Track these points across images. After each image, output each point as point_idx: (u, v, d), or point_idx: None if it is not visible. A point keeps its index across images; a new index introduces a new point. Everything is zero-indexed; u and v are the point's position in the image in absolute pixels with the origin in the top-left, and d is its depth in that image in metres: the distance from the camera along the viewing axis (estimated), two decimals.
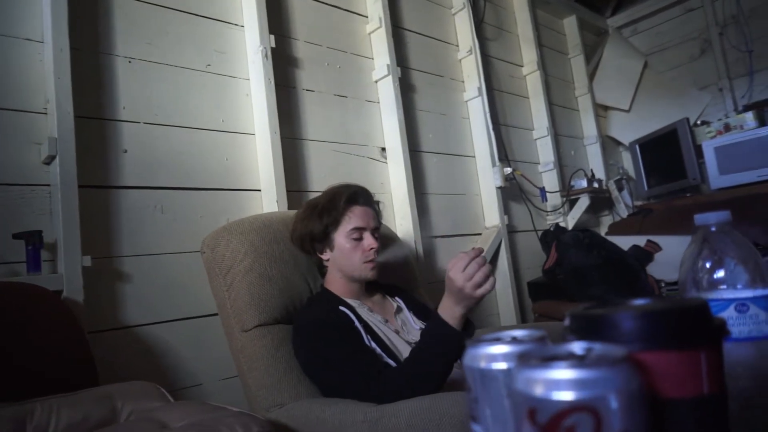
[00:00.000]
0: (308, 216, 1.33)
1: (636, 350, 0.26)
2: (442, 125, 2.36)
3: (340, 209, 1.31)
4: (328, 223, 1.30)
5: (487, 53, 2.67)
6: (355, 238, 1.30)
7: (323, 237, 1.31)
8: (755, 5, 3.09)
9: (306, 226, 1.32)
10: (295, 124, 1.81)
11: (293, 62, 1.85)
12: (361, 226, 1.31)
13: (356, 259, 1.30)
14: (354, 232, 1.30)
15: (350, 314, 1.22)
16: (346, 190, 1.34)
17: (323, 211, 1.31)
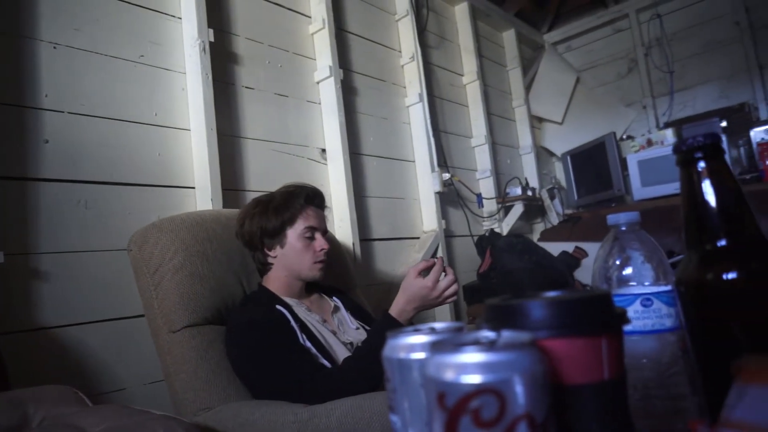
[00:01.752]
0: (262, 212, 1.31)
1: (543, 337, 0.28)
2: (383, 129, 2.38)
3: (297, 207, 1.31)
4: (284, 220, 1.30)
5: (429, 61, 2.72)
6: (307, 237, 1.31)
7: (276, 233, 1.30)
8: (677, 30, 3.32)
9: (258, 221, 1.30)
10: (233, 121, 1.77)
11: (233, 58, 1.81)
12: (315, 227, 1.32)
13: (307, 258, 1.30)
14: (307, 231, 1.31)
15: (286, 313, 1.21)
16: (303, 190, 1.34)
17: (279, 207, 1.30)
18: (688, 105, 3.29)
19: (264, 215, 1.30)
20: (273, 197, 1.34)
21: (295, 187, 1.35)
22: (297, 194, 1.32)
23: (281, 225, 1.30)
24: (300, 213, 1.31)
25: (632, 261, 0.43)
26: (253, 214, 1.32)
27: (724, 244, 0.31)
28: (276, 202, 1.31)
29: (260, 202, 1.33)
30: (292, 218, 1.30)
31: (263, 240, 1.31)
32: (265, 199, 1.34)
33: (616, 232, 0.45)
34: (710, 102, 3.21)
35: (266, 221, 1.30)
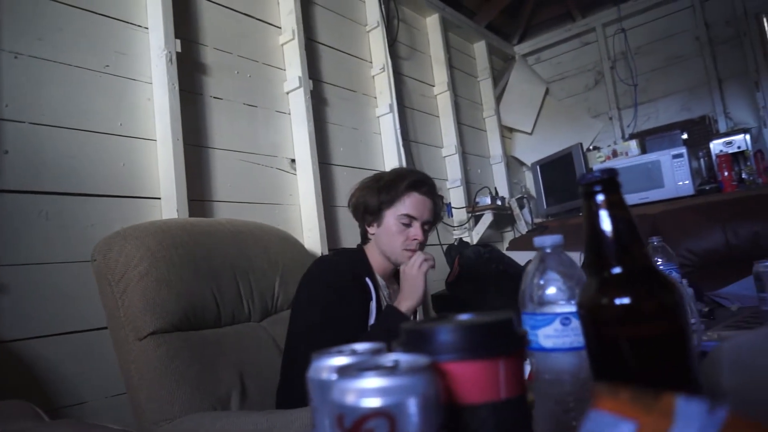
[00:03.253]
0: (369, 187, 1.36)
1: (443, 361, 0.30)
2: (353, 139, 2.40)
3: (400, 191, 1.33)
4: (384, 200, 1.33)
5: (399, 71, 2.76)
6: (404, 223, 1.34)
7: (375, 211, 1.34)
8: (641, 44, 3.42)
9: (363, 196, 1.36)
10: (201, 132, 1.78)
11: (201, 68, 1.82)
12: (413, 215, 1.34)
13: (397, 243, 1.34)
14: (404, 218, 1.34)
15: (372, 290, 1.27)
16: (412, 175, 1.38)
17: (384, 187, 1.34)
18: (652, 117, 3.39)
19: (369, 191, 1.35)
20: (383, 176, 1.39)
21: (405, 170, 1.41)
22: (403, 177, 1.35)
23: (380, 205, 1.34)
24: (401, 197, 1.34)
25: (555, 282, 0.46)
26: (363, 187, 1.38)
27: (618, 271, 0.34)
28: (382, 182, 1.36)
29: (370, 179, 1.39)
30: (392, 201, 1.34)
31: (364, 215, 1.36)
32: (377, 176, 1.39)
33: (542, 253, 0.48)
34: (673, 114, 3.31)
35: (369, 198, 1.35)
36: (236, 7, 1.99)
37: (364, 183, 1.41)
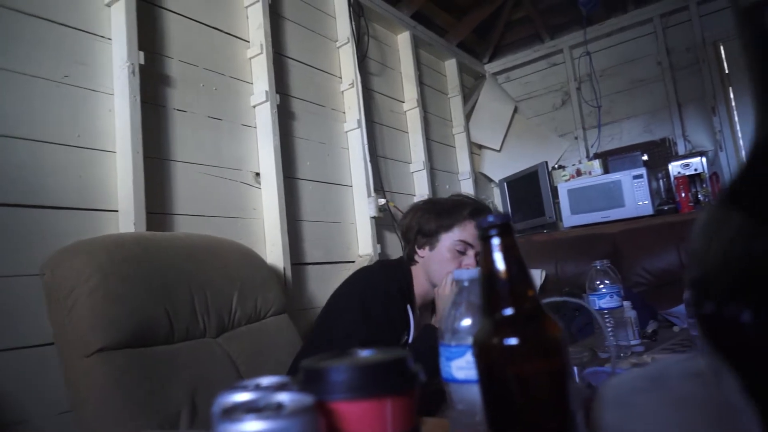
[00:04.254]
0: (426, 210, 1.35)
1: (332, 400, 0.31)
2: (320, 154, 2.42)
3: (460, 218, 1.33)
4: (442, 224, 1.32)
5: (369, 87, 2.78)
6: (459, 250, 1.32)
7: (431, 234, 1.33)
8: (605, 67, 3.53)
9: (420, 218, 1.35)
10: (163, 144, 1.76)
11: (165, 80, 1.81)
12: (470, 243, 1.33)
13: (448, 269, 1.31)
14: (460, 244, 1.32)
15: (412, 320, 1.27)
16: (475, 204, 1.38)
17: (443, 212, 1.33)
18: (615, 137, 3.49)
19: (427, 214, 1.34)
20: (442, 202, 1.39)
21: (468, 198, 1.40)
22: (464, 205, 1.35)
23: (437, 228, 1.33)
24: (460, 223, 1.33)
25: (470, 315, 0.48)
26: (418, 210, 1.37)
27: (509, 313, 0.36)
28: (441, 206, 1.35)
29: (429, 202, 1.40)
30: (450, 226, 1.32)
31: (417, 237, 1.35)
32: (435, 200, 1.40)
33: (460, 286, 0.50)
34: (636, 136, 3.42)
35: (426, 220, 1.33)
36: (204, 21, 1.99)
37: (420, 206, 1.40)
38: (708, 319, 0.20)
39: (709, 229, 0.22)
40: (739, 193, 0.21)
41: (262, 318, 1.66)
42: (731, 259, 0.20)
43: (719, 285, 0.20)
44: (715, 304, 0.20)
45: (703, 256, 0.21)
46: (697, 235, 0.22)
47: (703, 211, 0.22)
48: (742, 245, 0.19)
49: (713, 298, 0.20)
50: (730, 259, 0.20)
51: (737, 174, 0.21)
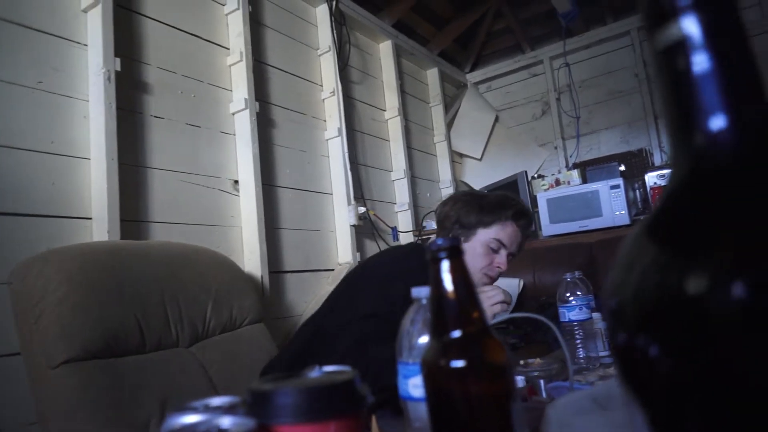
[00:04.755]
0: (468, 202, 1.35)
1: (279, 424, 0.31)
2: (300, 161, 2.41)
3: (502, 216, 1.33)
4: (483, 219, 1.32)
5: (350, 95, 2.79)
6: (492, 248, 1.33)
7: (468, 227, 1.33)
8: (584, 79, 3.58)
9: (460, 209, 1.35)
10: (139, 151, 1.75)
11: (142, 87, 1.80)
12: (505, 243, 1.34)
13: (479, 264, 1.33)
14: (495, 243, 1.33)
15: None
16: (518, 205, 1.39)
17: (485, 208, 1.33)
18: (594, 148, 3.54)
19: (469, 206, 1.34)
20: (486, 197, 1.38)
21: (513, 199, 1.40)
22: (508, 205, 1.36)
23: (476, 223, 1.33)
24: (501, 223, 1.33)
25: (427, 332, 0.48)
26: (460, 201, 1.37)
27: (456, 335, 0.37)
28: (485, 202, 1.35)
29: (472, 195, 1.38)
30: (490, 223, 1.33)
31: (454, 226, 1.35)
32: (480, 195, 1.38)
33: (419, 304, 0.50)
34: (613, 146, 3.47)
35: (466, 213, 1.34)
36: (183, 27, 1.98)
37: (462, 197, 1.40)
38: (619, 350, 0.21)
39: (628, 259, 0.23)
40: (657, 226, 0.22)
41: (237, 327, 1.65)
42: (643, 291, 0.20)
43: (630, 316, 0.21)
44: (626, 336, 0.20)
45: (618, 285, 0.22)
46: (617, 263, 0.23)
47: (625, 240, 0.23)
48: (654, 277, 0.20)
49: (625, 330, 0.21)
50: (642, 290, 0.20)
51: (658, 206, 0.22)
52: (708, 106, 0.20)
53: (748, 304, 0.17)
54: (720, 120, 0.20)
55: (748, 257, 0.17)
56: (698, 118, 0.20)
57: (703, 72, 0.20)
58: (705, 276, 0.18)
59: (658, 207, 0.22)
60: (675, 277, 0.19)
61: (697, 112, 0.20)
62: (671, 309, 0.19)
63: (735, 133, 0.20)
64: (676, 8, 0.21)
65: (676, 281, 0.19)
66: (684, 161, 0.21)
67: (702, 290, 0.18)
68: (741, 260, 0.17)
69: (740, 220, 0.18)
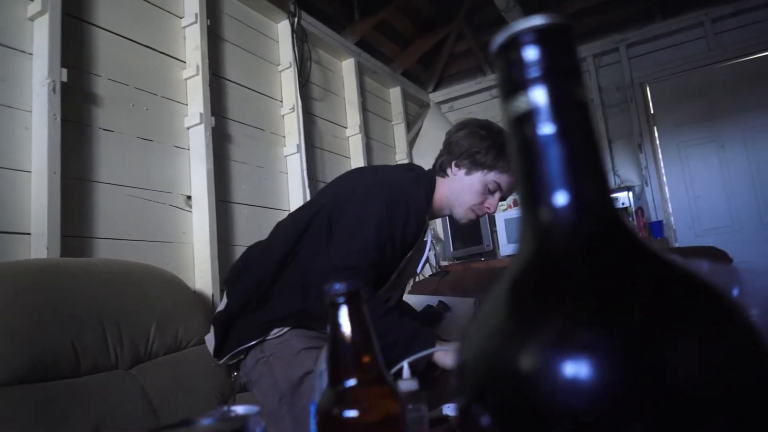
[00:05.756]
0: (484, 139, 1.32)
1: None
2: (258, 177, 2.39)
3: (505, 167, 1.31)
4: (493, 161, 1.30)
5: (311, 112, 2.79)
6: (489, 189, 1.32)
7: (475, 163, 1.31)
8: None
9: (474, 144, 1.32)
10: (85, 165, 1.70)
11: (91, 99, 1.75)
12: (504, 190, 1.34)
13: (471, 200, 1.33)
14: (494, 185, 1.32)
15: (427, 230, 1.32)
16: None
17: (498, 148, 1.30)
18: None
19: (483, 143, 1.31)
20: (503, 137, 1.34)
21: None
22: None
23: (484, 162, 1.31)
24: (502, 168, 1.31)
25: None
26: (477, 134, 1.33)
27: (351, 384, 0.36)
28: (501, 142, 1.31)
29: (491, 131, 1.34)
30: (493, 166, 1.31)
31: (461, 155, 1.33)
32: (496, 131, 1.34)
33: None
34: None
35: (479, 148, 1.31)
36: (138, 39, 1.95)
37: (479, 130, 1.34)
38: (461, 412, 0.21)
39: (481, 316, 0.22)
40: (513, 290, 0.22)
41: (183, 348, 1.61)
42: (481, 357, 0.20)
43: (471, 379, 0.20)
44: (465, 400, 0.20)
45: (467, 343, 0.22)
46: (474, 319, 0.23)
47: (485, 295, 0.23)
48: (491, 345, 0.20)
49: (465, 393, 0.20)
50: (481, 356, 0.20)
51: (518, 270, 0.22)
52: (552, 181, 0.21)
53: (567, 384, 0.17)
54: (562, 196, 0.20)
55: (567, 341, 0.18)
56: (543, 192, 0.21)
57: (547, 145, 0.21)
58: (529, 354, 0.18)
59: (518, 271, 0.22)
60: (508, 350, 0.19)
61: (542, 186, 0.21)
62: (501, 381, 0.19)
63: (574, 213, 0.20)
64: (526, 80, 0.21)
65: (508, 354, 0.19)
66: (532, 235, 0.21)
67: (526, 368, 0.18)
68: (560, 344, 0.18)
69: (566, 305, 0.18)
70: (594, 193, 0.21)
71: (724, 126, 3.20)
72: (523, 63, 0.22)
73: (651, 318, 0.18)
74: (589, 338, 0.17)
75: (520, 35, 0.22)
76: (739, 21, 3.19)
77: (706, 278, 0.19)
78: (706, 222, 3.20)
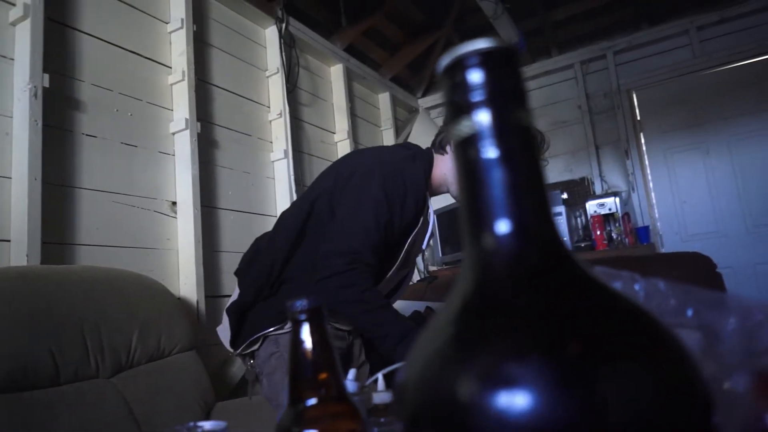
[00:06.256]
0: None
1: None
2: (244, 183, 2.38)
3: None
4: None
5: (299, 117, 2.78)
6: None
7: None
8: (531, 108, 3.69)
9: None
10: (68, 171, 1.68)
11: (74, 104, 1.73)
12: None
13: None
14: None
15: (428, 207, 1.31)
16: None
17: None
18: None
19: None
20: None
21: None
22: None
23: None
24: None
25: None
26: None
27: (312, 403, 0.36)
28: None
29: None
30: None
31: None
32: None
33: None
34: (558, 174, 3.58)
35: None
36: (122, 44, 1.93)
37: None
38: None
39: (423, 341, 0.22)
40: (454, 317, 0.22)
41: (166, 356, 1.59)
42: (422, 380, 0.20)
43: (408, 404, 0.20)
44: (403, 425, 0.20)
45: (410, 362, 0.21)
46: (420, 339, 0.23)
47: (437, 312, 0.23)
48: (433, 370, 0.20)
49: (402, 417, 0.20)
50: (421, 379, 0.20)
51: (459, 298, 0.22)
52: (494, 207, 0.20)
53: (500, 416, 0.17)
54: (504, 224, 0.20)
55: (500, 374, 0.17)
56: (486, 219, 0.21)
57: (489, 170, 0.21)
58: (464, 384, 0.18)
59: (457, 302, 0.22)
60: (444, 379, 0.19)
61: (485, 212, 0.21)
62: (435, 409, 0.18)
63: (515, 240, 0.20)
64: (470, 103, 0.21)
65: (444, 383, 0.19)
66: (473, 262, 0.21)
67: (461, 398, 0.18)
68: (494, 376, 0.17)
69: (502, 336, 0.18)
70: (535, 220, 0.20)
71: (709, 132, 3.23)
72: (467, 86, 0.21)
73: (586, 350, 0.17)
74: (522, 371, 0.17)
75: (465, 58, 0.22)
76: (724, 29, 3.22)
77: (645, 307, 0.19)
78: (692, 227, 3.23)
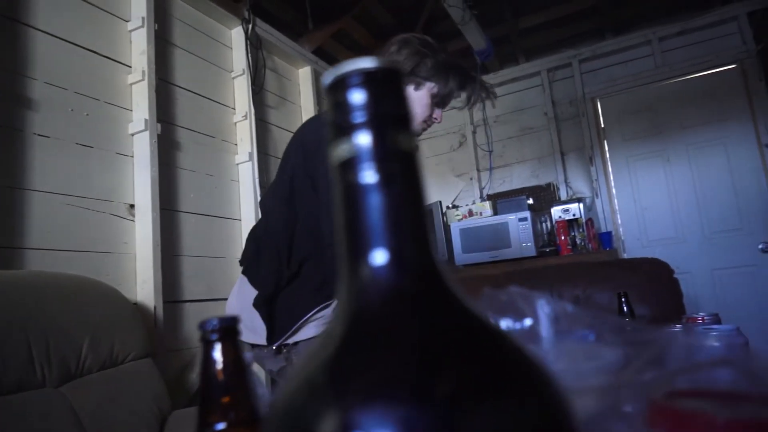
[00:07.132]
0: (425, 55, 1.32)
1: None
2: (207, 185, 2.33)
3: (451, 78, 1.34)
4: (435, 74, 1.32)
5: (266, 120, 2.75)
6: (434, 103, 1.36)
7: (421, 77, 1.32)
8: (498, 115, 3.74)
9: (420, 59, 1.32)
10: (17, 172, 1.62)
11: (24, 103, 1.67)
12: (446, 104, 1.40)
13: (423, 115, 1.37)
14: (438, 99, 1.36)
15: None
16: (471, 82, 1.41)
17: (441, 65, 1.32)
18: (507, 180, 3.68)
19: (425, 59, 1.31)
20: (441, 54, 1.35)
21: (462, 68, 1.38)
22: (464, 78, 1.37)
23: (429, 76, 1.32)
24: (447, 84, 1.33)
25: None
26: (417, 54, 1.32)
27: (220, 428, 0.35)
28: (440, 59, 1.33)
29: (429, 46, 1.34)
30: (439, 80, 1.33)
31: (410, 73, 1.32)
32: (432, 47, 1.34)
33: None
34: (524, 180, 3.62)
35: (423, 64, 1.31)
36: (80, 42, 1.88)
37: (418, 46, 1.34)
38: None
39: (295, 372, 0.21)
40: (324, 351, 0.20)
41: (120, 363, 1.55)
42: (285, 412, 0.19)
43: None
44: None
45: (280, 389, 0.20)
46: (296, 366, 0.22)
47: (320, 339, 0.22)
48: (297, 405, 0.19)
49: None
50: (285, 410, 0.19)
51: (332, 330, 0.21)
52: (371, 235, 0.20)
53: None
54: (380, 254, 0.19)
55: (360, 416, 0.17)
56: (362, 247, 0.20)
57: (367, 195, 0.20)
58: (325, 423, 0.17)
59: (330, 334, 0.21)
60: (306, 415, 0.18)
61: (361, 240, 0.20)
62: None
63: (390, 271, 0.19)
64: (350, 124, 0.20)
65: (305, 419, 0.18)
66: (349, 292, 0.20)
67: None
68: (354, 418, 0.17)
69: (367, 375, 0.17)
70: (413, 250, 0.20)
71: (670, 141, 3.32)
72: (348, 106, 0.21)
73: (448, 389, 0.17)
74: (372, 415, 0.16)
75: (347, 77, 0.21)
76: (685, 40, 3.32)
77: (516, 342, 0.19)
78: (653, 233, 3.30)
